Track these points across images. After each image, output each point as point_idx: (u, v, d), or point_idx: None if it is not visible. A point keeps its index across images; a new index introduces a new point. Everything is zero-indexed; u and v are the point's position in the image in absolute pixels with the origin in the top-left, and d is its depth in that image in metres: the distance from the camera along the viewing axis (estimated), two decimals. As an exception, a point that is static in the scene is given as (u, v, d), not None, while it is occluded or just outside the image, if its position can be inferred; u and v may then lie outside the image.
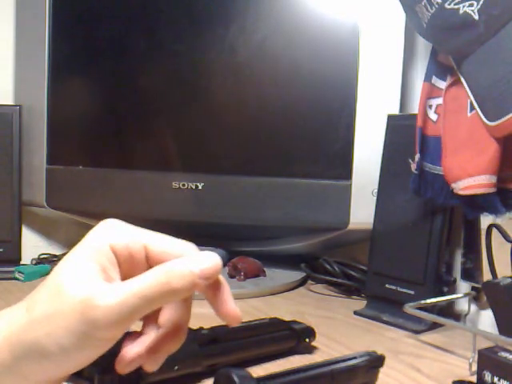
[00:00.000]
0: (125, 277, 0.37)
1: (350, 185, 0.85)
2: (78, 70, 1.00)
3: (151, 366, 0.39)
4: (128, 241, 0.38)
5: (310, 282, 0.96)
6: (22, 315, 0.36)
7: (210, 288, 0.38)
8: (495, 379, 0.51)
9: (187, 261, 0.36)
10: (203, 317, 0.43)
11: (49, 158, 0.99)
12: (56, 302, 0.35)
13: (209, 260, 0.36)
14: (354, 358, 0.53)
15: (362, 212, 0.85)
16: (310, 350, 0.65)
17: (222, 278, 0.38)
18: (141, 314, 0.35)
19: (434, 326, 0.74)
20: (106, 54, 0.98)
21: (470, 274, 0.77)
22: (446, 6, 0.64)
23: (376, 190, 0.83)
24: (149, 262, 0.38)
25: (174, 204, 0.94)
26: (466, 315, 0.76)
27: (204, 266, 0.36)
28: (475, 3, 0.62)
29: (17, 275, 0.92)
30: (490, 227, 0.72)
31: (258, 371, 0.55)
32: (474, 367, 0.56)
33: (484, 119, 0.64)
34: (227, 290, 0.38)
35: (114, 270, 0.37)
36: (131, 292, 0.34)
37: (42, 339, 0.35)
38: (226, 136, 0.94)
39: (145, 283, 0.35)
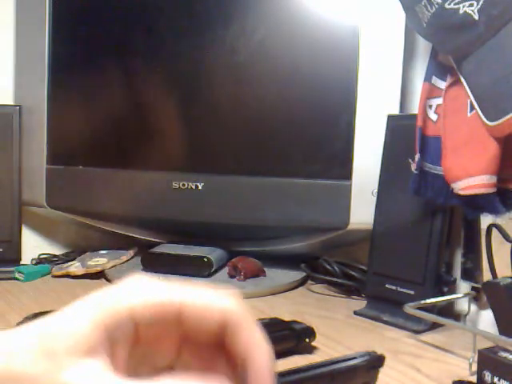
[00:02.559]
0: (149, 343, 0.31)
1: (350, 185, 0.85)
2: (78, 70, 1.00)
3: None
4: (157, 301, 0.30)
5: (309, 282, 0.96)
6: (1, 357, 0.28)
7: None
8: (495, 379, 0.51)
9: None
10: None
11: (49, 158, 0.99)
12: (43, 367, 0.28)
13: None
14: (354, 358, 0.53)
15: (362, 212, 0.85)
16: (310, 350, 0.65)
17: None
18: None
19: (434, 326, 0.73)
20: (106, 54, 0.99)
21: (469, 273, 0.77)
22: (446, 5, 0.64)
23: (376, 190, 0.83)
24: (182, 324, 0.31)
25: (174, 204, 0.94)
26: (466, 315, 0.76)
27: None
28: (475, 3, 0.62)
29: (17, 275, 0.92)
30: (489, 227, 0.72)
31: (257, 371, 0.54)
32: (474, 367, 0.56)
33: (484, 119, 0.64)
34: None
35: (124, 344, 0.30)
36: None
37: None
38: (226, 136, 0.94)
39: None
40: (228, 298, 0.31)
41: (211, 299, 0.31)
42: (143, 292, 0.30)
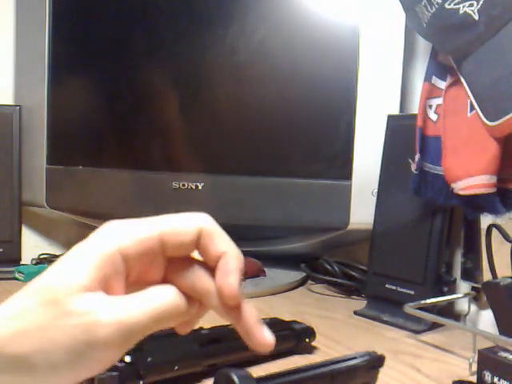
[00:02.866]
0: (139, 275, 0.35)
1: (350, 185, 0.85)
2: (78, 70, 1.00)
3: (184, 330, 0.37)
4: (141, 237, 0.34)
5: (309, 282, 0.96)
6: (4, 322, 0.31)
7: (228, 312, 0.35)
8: (495, 379, 0.51)
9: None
10: (203, 316, 0.42)
11: (49, 158, 0.99)
12: (50, 313, 0.31)
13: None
14: (354, 358, 0.53)
15: (362, 212, 0.85)
16: (310, 350, 0.65)
17: (243, 303, 0.36)
18: (144, 334, 0.33)
19: (434, 326, 0.74)
20: (106, 54, 0.98)
21: (469, 273, 0.77)
22: (446, 5, 0.64)
23: (376, 190, 0.83)
24: (165, 251, 0.35)
25: (173, 204, 0.94)
26: (465, 315, 0.76)
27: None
28: (475, 3, 0.62)
29: (17, 275, 0.92)
30: (489, 227, 0.72)
31: (257, 371, 0.55)
32: (474, 367, 0.56)
33: (484, 119, 0.64)
34: (249, 315, 0.36)
35: (119, 279, 0.33)
36: (134, 311, 0.32)
37: (30, 354, 0.31)
38: (226, 136, 0.94)
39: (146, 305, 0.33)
40: (199, 216, 0.36)
41: (185, 221, 0.35)
42: (127, 232, 0.34)
